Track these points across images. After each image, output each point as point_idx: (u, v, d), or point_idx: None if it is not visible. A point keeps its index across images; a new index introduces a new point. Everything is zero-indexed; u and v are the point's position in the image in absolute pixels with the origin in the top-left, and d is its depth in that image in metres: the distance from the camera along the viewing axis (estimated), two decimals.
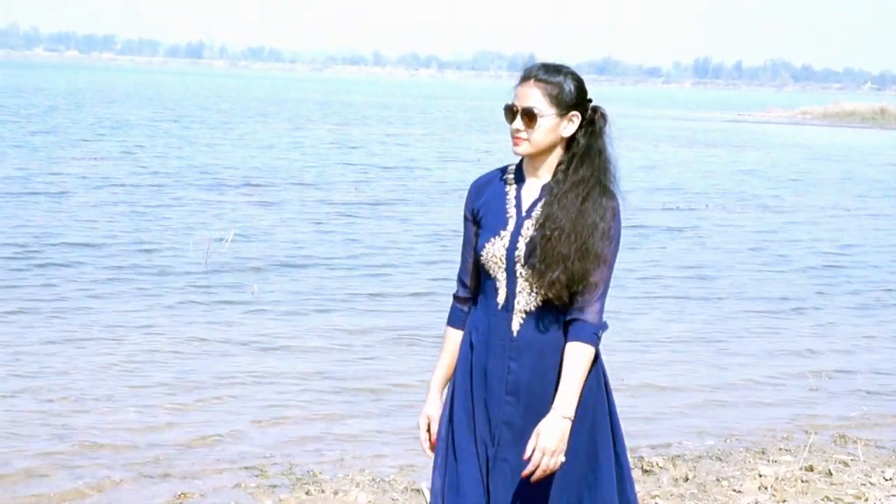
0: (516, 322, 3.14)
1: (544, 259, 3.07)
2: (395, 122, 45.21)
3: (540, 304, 3.12)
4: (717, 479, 5.97)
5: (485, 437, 3.17)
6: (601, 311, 3.12)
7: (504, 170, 3.27)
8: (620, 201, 3.15)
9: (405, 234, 14.63)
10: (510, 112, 3.15)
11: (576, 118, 3.13)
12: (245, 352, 8.33)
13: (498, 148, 30.32)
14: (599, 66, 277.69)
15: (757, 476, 6.01)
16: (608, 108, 3.20)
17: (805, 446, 6.53)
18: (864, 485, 5.97)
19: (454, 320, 3.32)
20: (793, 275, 12.97)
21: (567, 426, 3.05)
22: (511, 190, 3.21)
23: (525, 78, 3.14)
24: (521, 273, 3.12)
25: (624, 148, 33.82)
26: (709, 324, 10.09)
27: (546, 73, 3.12)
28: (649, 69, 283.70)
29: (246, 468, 5.94)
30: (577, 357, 3.08)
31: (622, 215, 3.16)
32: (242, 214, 15.45)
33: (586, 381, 3.10)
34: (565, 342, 3.11)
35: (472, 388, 3.20)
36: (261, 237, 13.61)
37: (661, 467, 6.13)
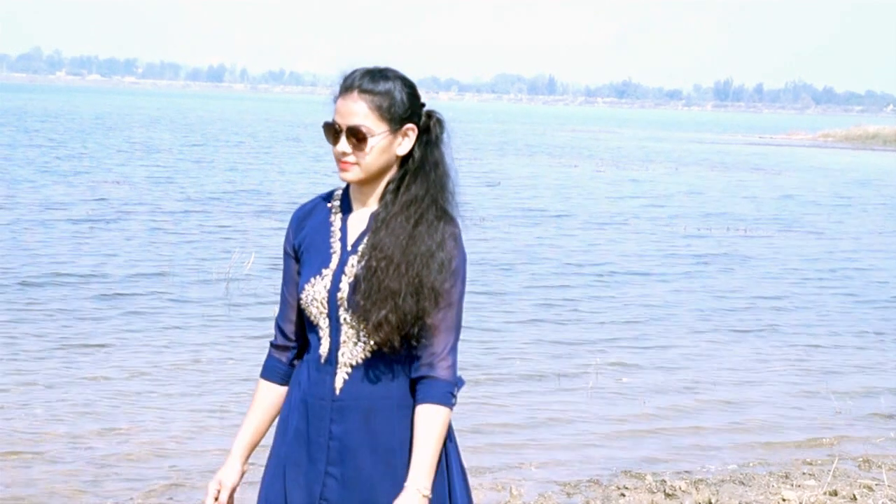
0: (340, 378, 2.60)
1: (369, 296, 2.52)
2: None
3: (368, 355, 2.58)
4: None
5: None
6: (454, 364, 2.59)
7: (329, 195, 2.71)
8: (461, 226, 2.61)
9: None
10: (332, 131, 2.57)
11: (412, 132, 2.59)
12: None
13: (537, 172, 30.11)
14: (620, 88, 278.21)
15: (780, 501, 5.97)
16: (629, 132, 2.92)
17: (829, 471, 6.48)
18: None
19: (268, 372, 2.76)
20: (821, 299, 12.91)
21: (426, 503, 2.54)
22: (336, 220, 2.66)
23: (347, 88, 2.56)
24: (344, 319, 2.58)
25: (656, 172, 33.80)
26: (733, 347, 10.03)
27: (371, 81, 2.55)
28: (670, 92, 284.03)
29: None
30: (430, 422, 2.54)
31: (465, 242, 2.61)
32: (269, 241, 15.48)
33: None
34: (414, 402, 2.58)
35: (290, 459, 2.69)
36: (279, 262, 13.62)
37: (683, 491, 6.09)
